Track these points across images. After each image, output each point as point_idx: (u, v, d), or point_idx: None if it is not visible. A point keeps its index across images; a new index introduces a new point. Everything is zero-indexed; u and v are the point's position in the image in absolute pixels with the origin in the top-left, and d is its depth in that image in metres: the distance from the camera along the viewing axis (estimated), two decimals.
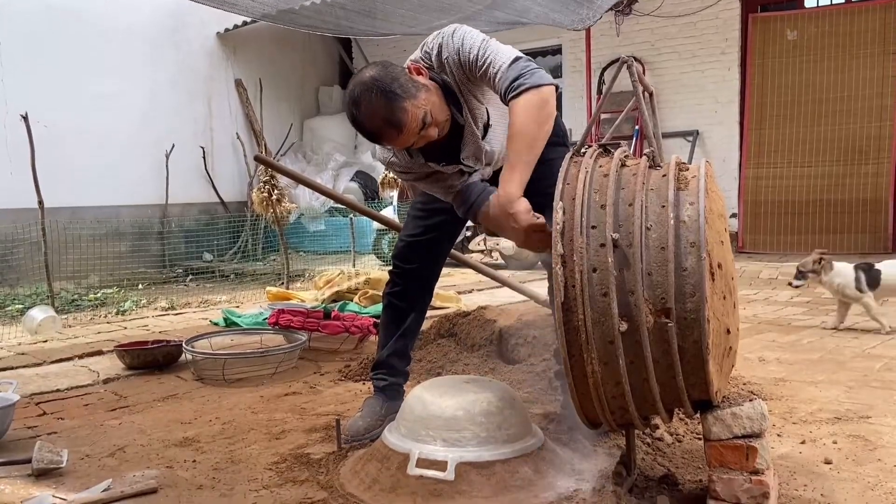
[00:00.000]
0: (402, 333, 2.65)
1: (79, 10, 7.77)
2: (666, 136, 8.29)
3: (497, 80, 2.04)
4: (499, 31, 7.88)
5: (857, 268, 4.19)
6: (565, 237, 1.69)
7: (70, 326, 5.07)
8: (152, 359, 3.71)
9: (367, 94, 2.00)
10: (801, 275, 4.26)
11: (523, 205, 1.97)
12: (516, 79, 2.00)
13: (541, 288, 4.65)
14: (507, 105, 2.03)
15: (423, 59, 2.18)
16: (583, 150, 1.90)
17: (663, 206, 1.68)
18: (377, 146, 2.31)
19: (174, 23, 8.66)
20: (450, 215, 2.46)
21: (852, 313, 4.84)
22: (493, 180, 2.25)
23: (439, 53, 2.14)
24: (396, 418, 2.16)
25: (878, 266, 4.20)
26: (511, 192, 1.97)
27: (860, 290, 4.15)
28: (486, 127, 2.26)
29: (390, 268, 2.67)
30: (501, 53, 2.07)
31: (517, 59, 2.05)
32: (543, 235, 1.93)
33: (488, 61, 2.06)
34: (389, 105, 1.99)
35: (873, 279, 4.16)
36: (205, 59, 9.15)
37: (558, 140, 2.31)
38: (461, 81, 2.15)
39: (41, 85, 7.34)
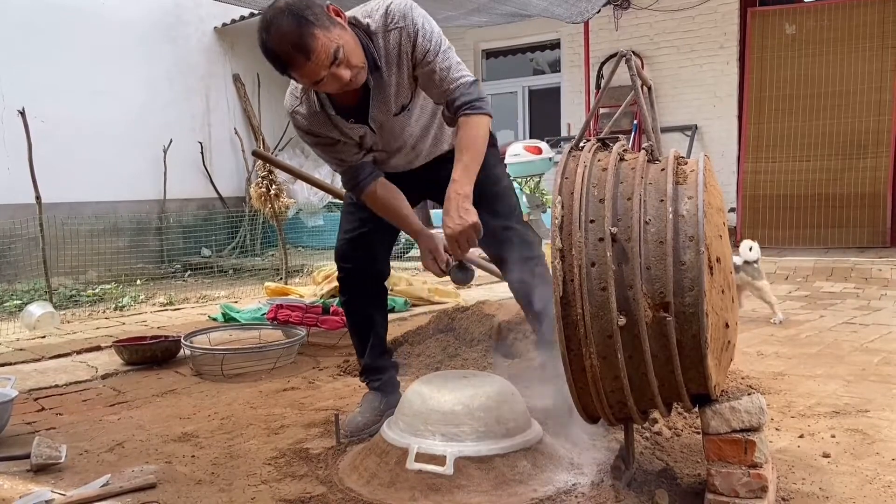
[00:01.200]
0: (373, 334, 2.65)
1: (76, 5, 7.75)
2: (664, 130, 8.28)
3: (455, 89, 2.13)
4: (499, 25, 7.88)
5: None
6: (563, 231, 1.69)
7: (68, 322, 5.07)
8: (151, 354, 3.71)
9: (278, 17, 1.97)
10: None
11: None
12: (479, 99, 2.16)
13: None
14: (459, 116, 2.15)
15: (355, 18, 2.14)
16: (581, 144, 1.89)
17: (662, 201, 1.68)
18: (288, 96, 2.28)
19: (172, 18, 8.63)
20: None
21: (849, 307, 4.85)
22: (413, 176, 2.45)
23: (386, 15, 2.12)
24: (395, 413, 2.16)
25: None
26: (468, 190, 2.10)
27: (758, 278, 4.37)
28: (404, 108, 2.26)
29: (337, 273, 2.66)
30: (462, 67, 2.17)
31: (476, 80, 2.19)
32: (475, 235, 2.10)
33: (449, 65, 2.14)
34: (299, 29, 1.95)
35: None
36: (202, 54, 9.12)
37: (493, 141, 2.50)
38: (396, 53, 2.13)
39: (38, 80, 7.31)
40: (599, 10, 7.04)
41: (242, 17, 8.91)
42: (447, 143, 2.48)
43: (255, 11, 7.54)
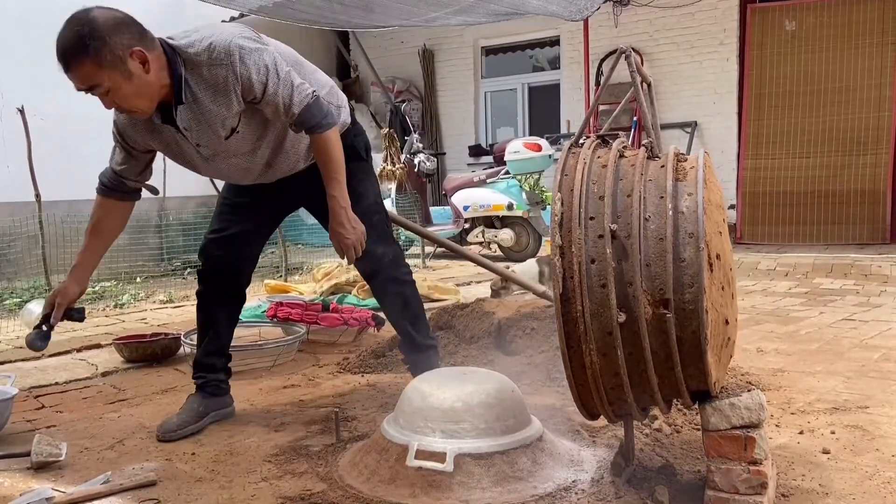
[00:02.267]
0: (215, 334, 2.72)
1: (75, 2, 7.73)
2: (664, 127, 8.28)
3: (298, 115, 2.25)
4: (497, 23, 7.86)
5: (539, 262, 4.37)
6: (563, 228, 1.69)
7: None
8: (150, 352, 3.71)
9: (75, 24, 2.06)
10: (494, 293, 4.37)
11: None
12: (322, 120, 2.29)
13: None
14: (313, 134, 2.31)
15: (179, 48, 2.19)
16: (581, 141, 1.89)
17: (662, 197, 1.68)
18: None
19: (170, 16, 8.61)
20: (259, 210, 2.60)
21: (849, 303, 4.85)
22: (281, 189, 2.56)
23: (210, 50, 2.18)
24: (395, 410, 2.15)
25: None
26: (347, 200, 2.35)
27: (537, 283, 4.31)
28: (233, 131, 2.30)
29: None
30: (301, 88, 2.25)
31: (317, 97, 2.29)
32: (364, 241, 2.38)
33: (287, 93, 2.22)
34: (73, 48, 2.04)
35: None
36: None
37: (359, 155, 2.63)
38: (223, 85, 2.18)
39: (37, 77, 7.28)
40: (599, 8, 7.03)
41: (242, 14, 8.89)
42: (308, 156, 2.52)
43: (253, 12, 7.53)
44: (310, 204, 2.69)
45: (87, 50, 2.03)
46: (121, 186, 2.47)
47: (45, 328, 2.32)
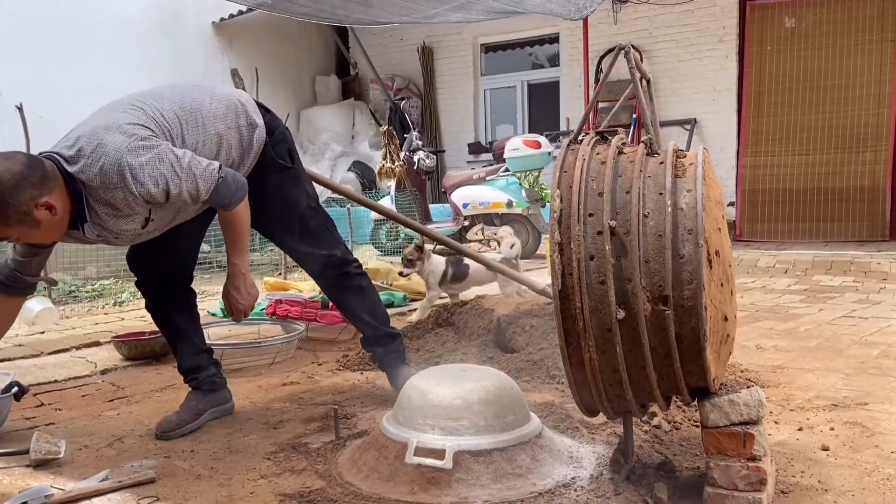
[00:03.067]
0: (185, 338, 2.71)
1: (73, 1, 7.72)
2: (663, 124, 8.27)
3: (208, 201, 2.26)
4: (496, 20, 7.85)
5: (447, 261, 4.39)
6: (562, 225, 1.69)
7: (67, 318, 5.06)
8: (150, 350, 3.71)
9: None
10: (409, 262, 4.34)
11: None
12: (234, 193, 2.29)
13: (538, 277, 4.65)
14: (225, 210, 2.32)
15: (77, 173, 2.11)
16: (580, 137, 1.89)
17: (661, 194, 1.67)
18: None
19: (170, 12, 8.60)
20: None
21: (848, 300, 4.85)
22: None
23: (102, 175, 2.10)
24: (394, 407, 2.15)
25: (465, 261, 4.39)
26: (247, 267, 2.44)
27: (440, 285, 4.36)
28: (147, 220, 2.26)
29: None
30: (204, 174, 2.19)
31: (221, 177, 2.24)
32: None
33: (192, 187, 2.18)
34: None
35: (460, 273, 4.40)
36: (201, 48, 9.10)
37: (284, 164, 2.59)
38: (125, 203, 2.15)
39: (36, 75, 7.29)
40: (595, 9, 7.02)
41: (241, 12, 8.89)
42: None
43: (252, 7, 7.52)
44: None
45: None
46: (19, 282, 2.37)
47: None
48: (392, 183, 7.92)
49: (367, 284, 2.85)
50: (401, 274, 4.45)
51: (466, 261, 4.36)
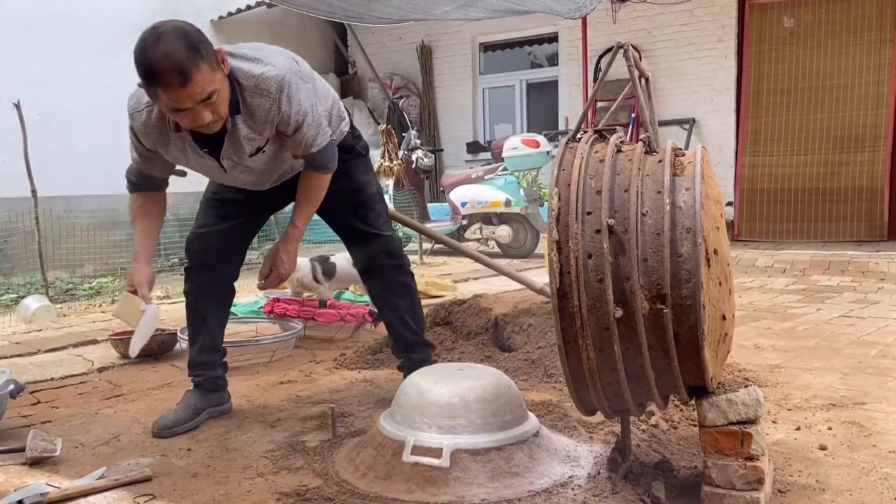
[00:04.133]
0: (208, 331, 2.70)
1: None
2: (662, 123, 8.27)
3: (311, 154, 2.37)
4: (495, 19, 7.85)
5: (312, 260, 4.31)
6: (560, 223, 1.68)
7: (65, 315, 5.06)
8: (147, 348, 3.69)
9: (173, 34, 1.97)
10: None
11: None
12: (328, 163, 2.43)
13: (537, 276, 4.65)
14: (309, 168, 2.44)
15: (234, 68, 2.18)
16: (578, 135, 1.88)
17: (659, 192, 1.67)
18: (133, 99, 2.23)
19: (168, 9, 8.55)
20: (247, 206, 2.61)
21: (846, 300, 4.85)
22: (263, 195, 2.59)
23: (259, 79, 2.16)
24: (392, 406, 2.15)
25: (332, 259, 4.35)
26: (303, 231, 2.50)
27: (317, 281, 4.25)
28: (259, 150, 2.32)
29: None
30: (324, 132, 2.36)
31: (331, 143, 2.41)
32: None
33: (313, 133, 2.31)
34: (191, 56, 1.96)
35: (329, 270, 4.30)
36: None
37: (360, 152, 2.71)
38: (262, 114, 2.21)
39: (33, 72, 7.27)
40: (597, 5, 7.02)
41: (239, 10, 8.87)
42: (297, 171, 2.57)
43: (251, 4, 7.51)
44: (277, 208, 2.83)
45: (201, 54, 1.99)
46: (148, 181, 2.45)
47: (142, 308, 2.36)
48: (390, 182, 7.91)
49: (415, 287, 2.82)
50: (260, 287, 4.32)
51: (333, 259, 4.29)
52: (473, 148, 10.18)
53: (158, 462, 2.25)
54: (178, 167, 2.46)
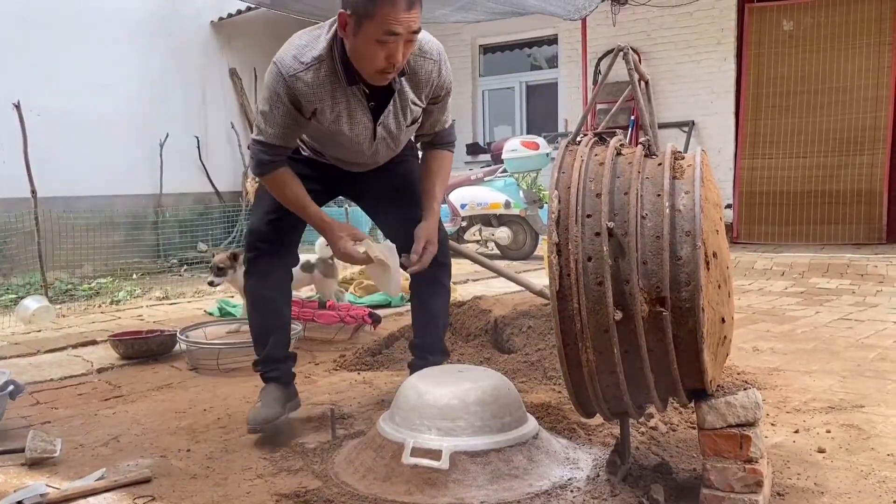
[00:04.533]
0: (281, 323, 2.58)
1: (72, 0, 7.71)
2: (661, 126, 8.28)
3: (446, 127, 2.50)
4: (495, 21, 7.86)
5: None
6: (560, 226, 1.69)
7: (64, 316, 5.06)
8: (146, 348, 3.70)
9: None
10: (219, 271, 4.07)
11: None
12: (454, 140, 2.58)
13: (536, 278, 4.65)
14: (438, 147, 2.51)
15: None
16: (578, 138, 1.89)
17: (658, 195, 1.67)
18: (290, 59, 2.18)
19: (168, 10, 8.59)
20: (319, 194, 2.51)
21: (845, 303, 4.86)
22: (346, 176, 2.56)
23: (423, 42, 2.26)
24: (391, 407, 2.15)
25: None
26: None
27: None
28: (414, 122, 2.40)
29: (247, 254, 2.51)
30: (449, 114, 2.49)
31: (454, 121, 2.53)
32: None
33: (448, 107, 2.46)
34: None
35: None
36: (199, 47, 9.08)
37: (415, 152, 2.70)
38: (423, 77, 2.31)
39: (33, 72, 7.28)
40: (596, 7, 7.03)
41: (239, 11, 8.87)
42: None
43: (252, 6, 7.51)
44: (364, 193, 2.71)
45: None
46: (283, 155, 2.32)
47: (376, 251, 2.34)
48: None
49: (450, 289, 2.79)
50: (211, 284, 4.15)
51: (308, 257, 4.20)
52: (473, 149, 10.19)
53: (158, 463, 2.25)
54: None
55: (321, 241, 4.36)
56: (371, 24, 2.04)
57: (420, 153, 2.64)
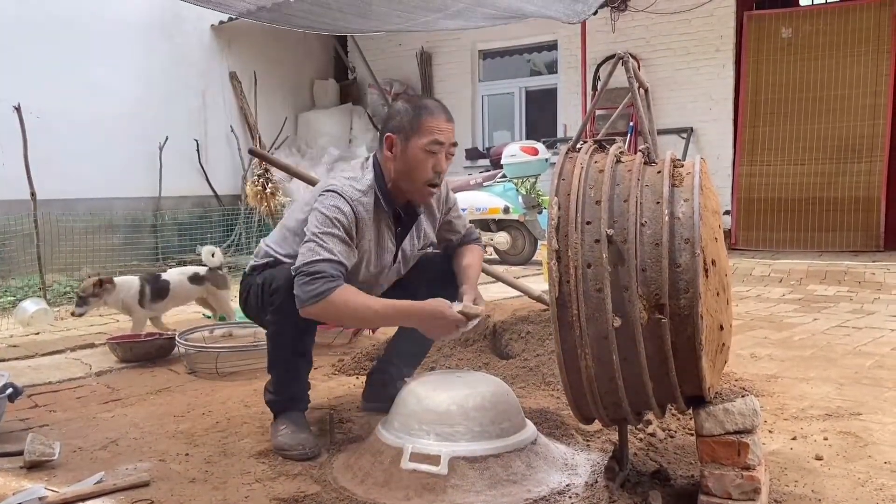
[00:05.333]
0: (309, 359, 2.57)
1: (72, 3, 7.72)
2: (660, 132, 8.31)
3: (466, 231, 2.66)
4: (494, 27, 7.87)
5: (142, 279, 4.04)
6: (560, 233, 1.70)
7: (62, 319, 5.06)
8: (145, 352, 3.70)
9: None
10: (82, 301, 3.88)
11: None
12: (479, 237, 2.73)
13: (534, 283, 4.66)
14: (465, 244, 2.63)
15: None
16: (578, 145, 1.90)
17: (658, 203, 1.68)
18: (350, 189, 2.31)
19: (169, 14, 8.61)
20: None
21: (843, 310, 4.86)
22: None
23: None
24: (390, 413, 2.16)
25: (164, 276, 4.10)
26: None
27: (142, 306, 4.00)
28: (424, 248, 2.57)
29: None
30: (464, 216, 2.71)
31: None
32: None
33: (460, 214, 2.67)
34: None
35: (160, 290, 4.04)
36: (199, 51, 9.10)
37: None
38: (434, 202, 2.54)
39: (34, 75, 7.29)
40: (596, 12, 7.05)
41: (241, 15, 8.89)
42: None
43: (251, 19, 7.53)
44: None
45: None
46: (347, 273, 2.25)
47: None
48: None
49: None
50: (73, 314, 3.96)
51: (166, 276, 4.08)
52: (472, 154, 10.21)
53: (156, 467, 2.25)
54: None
55: (207, 249, 4.31)
56: (418, 138, 2.31)
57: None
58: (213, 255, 4.29)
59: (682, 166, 1.79)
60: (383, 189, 2.36)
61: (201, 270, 4.26)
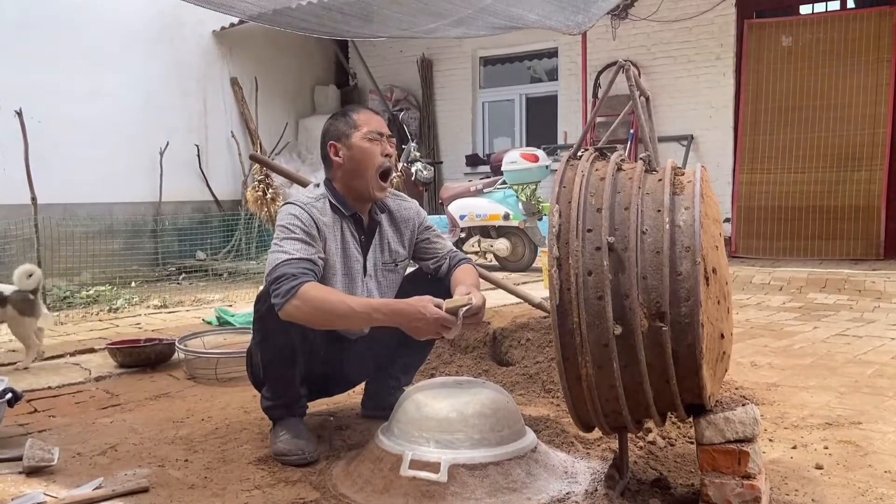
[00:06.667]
0: (299, 365, 2.44)
1: (74, 5, 7.74)
2: (660, 140, 8.31)
3: (452, 254, 2.63)
4: (495, 35, 7.90)
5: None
6: (561, 240, 1.70)
7: (62, 324, 5.05)
8: (144, 357, 3.70)
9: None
10: None
11: None
12: (464, 257, 2.66)
13: (535, 290, 4.66)
14: (456, 266, 2.59)
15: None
16: (579, 153, 1.90)
17: (659, 211, 1.69)
18: (304, 197, 2.45)
19: (170, 20, 8.63)
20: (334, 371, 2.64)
21: (843, 318, 4.86)
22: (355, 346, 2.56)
23: (410, 203, 2.65)
24: (390, 420, 2.16)
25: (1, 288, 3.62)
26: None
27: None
28: (396, 263, 2.58)
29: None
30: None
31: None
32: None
33: (440, 236, 2.67)
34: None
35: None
36: (200, 56, 9.12)
37: None
38: (404, 219, 2.60)
39: (34, 80, 7.30)
40: (595, 23, 7.07)
41: (242, 21, 8.92)
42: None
43: (253, 21, 7.55)
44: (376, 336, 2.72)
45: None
46: (317, 269, 2.29)
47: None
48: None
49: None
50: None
51: (1, 288, 3.62)
52: (472, 161, 10.22)
53: (155, 473, 2.25)
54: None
55: (24, 268, 3.68)
56: (356, 131, 2.44)
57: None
58: (28, 277, 3.65)
59: (683, 174, 1.79)
60: (337, 196, 2.46)
61: (6, 290, 3.62)
